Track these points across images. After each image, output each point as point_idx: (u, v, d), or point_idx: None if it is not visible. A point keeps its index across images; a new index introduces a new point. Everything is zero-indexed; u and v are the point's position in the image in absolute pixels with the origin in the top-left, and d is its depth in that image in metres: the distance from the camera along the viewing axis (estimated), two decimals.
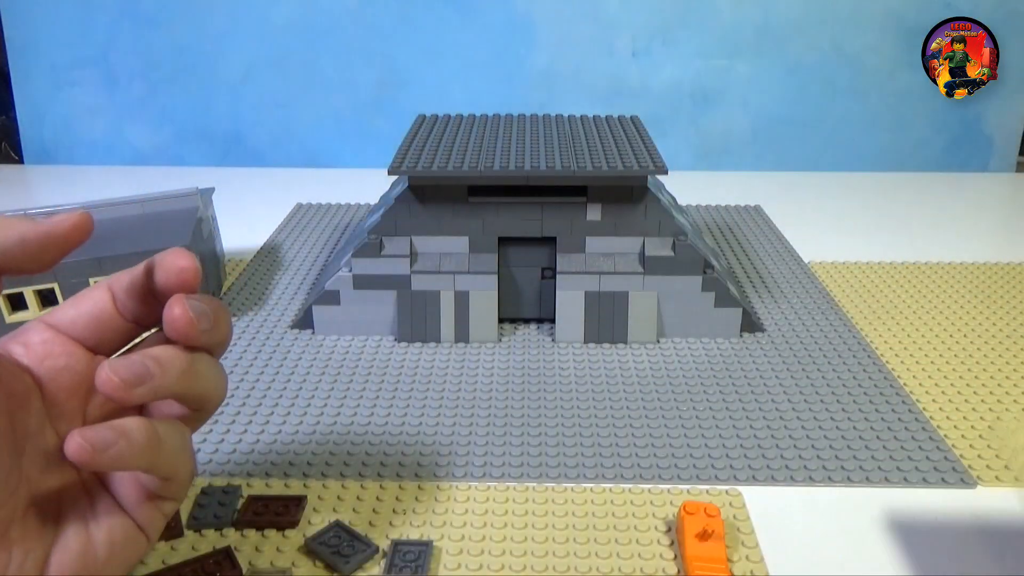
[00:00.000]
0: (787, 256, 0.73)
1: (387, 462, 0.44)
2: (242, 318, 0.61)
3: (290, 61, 1.02)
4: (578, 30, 1.01)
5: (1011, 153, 1.05)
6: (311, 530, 0.39)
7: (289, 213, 0.84)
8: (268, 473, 0.43)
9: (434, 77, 1.02)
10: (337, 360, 0.55)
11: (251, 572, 0.36)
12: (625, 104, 1.03)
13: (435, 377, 0.53)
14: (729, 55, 1.01)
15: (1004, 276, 0.69)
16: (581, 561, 0.37)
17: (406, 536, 0.38)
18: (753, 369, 0.54)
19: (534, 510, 0.40)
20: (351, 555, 0.36)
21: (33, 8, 1.00)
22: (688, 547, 0.37)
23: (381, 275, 0.57)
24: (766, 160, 1.05)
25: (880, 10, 0.99)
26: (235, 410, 0.49)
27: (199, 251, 0.59)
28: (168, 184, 0.95)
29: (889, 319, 0.61)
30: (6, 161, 1.08)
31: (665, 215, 0.56)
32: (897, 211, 0.87)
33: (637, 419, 0.48)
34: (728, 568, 0.36)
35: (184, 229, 0.58)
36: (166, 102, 1.04)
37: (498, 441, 0.46)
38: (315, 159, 1.06)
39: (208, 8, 1.00)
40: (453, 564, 0.37)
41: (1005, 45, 0.99)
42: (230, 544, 0.37)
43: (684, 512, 0.38)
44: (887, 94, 1.02)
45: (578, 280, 0.56)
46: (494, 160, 0.56)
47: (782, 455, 0.45)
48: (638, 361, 0.55)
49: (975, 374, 0.54)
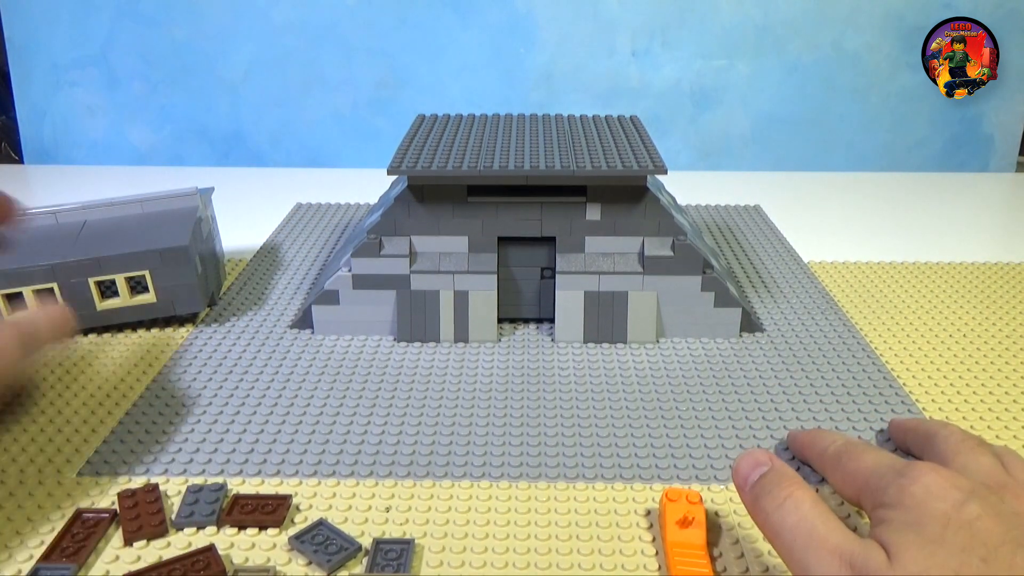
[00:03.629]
0: (787, 256, 0.73)
1: (381, 461, 0.44)
2: (242, 318, 0.61)
3: (290, 61, 1.02)
4: (578, 30, 1.01)
5: (1011, 153, 1.05)
6: (296, 529, 0.39)
7: (289, 213, 0.84)
8: (261, 472, 0.43)
9: (433, 77, 1.02)
10: (336, 360, 0.55)
11: (235, 571, 0.36)
12: (625, 104, 1.03)
13: (434, 377, 0.53)
14: (729, 55, 1.01)
15: (1004, 276, 0.69)
16: (563, 558, 0.37)
17: (391, 535, 0.38)
18: (753, 369, 0.54)
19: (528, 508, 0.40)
20: (334, 553, 0.36)
21: (33, 8, 1.00)
22: (668, 533, 0.37)
23: (380, 275, 0.57)
24: (766, 160, 1.05)
25: (880, 10, 0.99)
26: (234, 409, 0.49)
27: (199, 251, 0.59)
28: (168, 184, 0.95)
29: (889, 319, 0.61)
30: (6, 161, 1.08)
31: (665, 215, 0.56)
32: (897, 211, 0.87)
33: (636, 419, 0.48)
34: (707, 554, 0.36)
35: (183, 229, 0.57)
36: (166, 102, 1.04)
37: (498, 441, 0.46)
38: (315, 159, 1.06)
39: (208, 8, 1.00)
40: (435, 562, 0.37)
41: (1005, 45, 0.99)
42: (213, 543, 0.37)
43: (666, 499, 0.38)
44: (887, 94, 1.02)
45: (578, 280, 0.56)
46: (494, 160, 0.56)
47: (782, 455, 0.45)
48: (637, 361, 0.55)
49: (975, 374, 0.54)
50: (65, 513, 0.40)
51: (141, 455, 0.45)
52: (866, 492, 0.32)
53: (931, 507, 0.29)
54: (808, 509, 0.31)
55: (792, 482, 0.32)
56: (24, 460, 0.44)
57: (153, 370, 0.54)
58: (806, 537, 0.30)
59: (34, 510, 0.40)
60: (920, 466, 0.31)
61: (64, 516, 0.39)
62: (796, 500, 0.31)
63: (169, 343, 0.57)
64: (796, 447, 0.43)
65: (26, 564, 0.36)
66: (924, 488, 0.29)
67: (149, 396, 0.50)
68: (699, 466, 0.44)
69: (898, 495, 0.30)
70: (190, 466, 0.44)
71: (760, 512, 0.33)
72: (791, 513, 0.31)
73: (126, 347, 0.56)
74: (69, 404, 0.49)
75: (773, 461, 0.34)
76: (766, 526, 0.32)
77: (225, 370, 0.53)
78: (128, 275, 0.55)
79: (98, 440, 0.46)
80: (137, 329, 0.59)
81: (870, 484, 0.32)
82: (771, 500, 0.32)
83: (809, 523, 0.30)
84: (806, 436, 0.41)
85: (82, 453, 0.45)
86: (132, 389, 0.51)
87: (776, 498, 0.32)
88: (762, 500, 0.33)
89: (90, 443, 0.46)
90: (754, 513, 0.33)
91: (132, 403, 0.49)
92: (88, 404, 0.49)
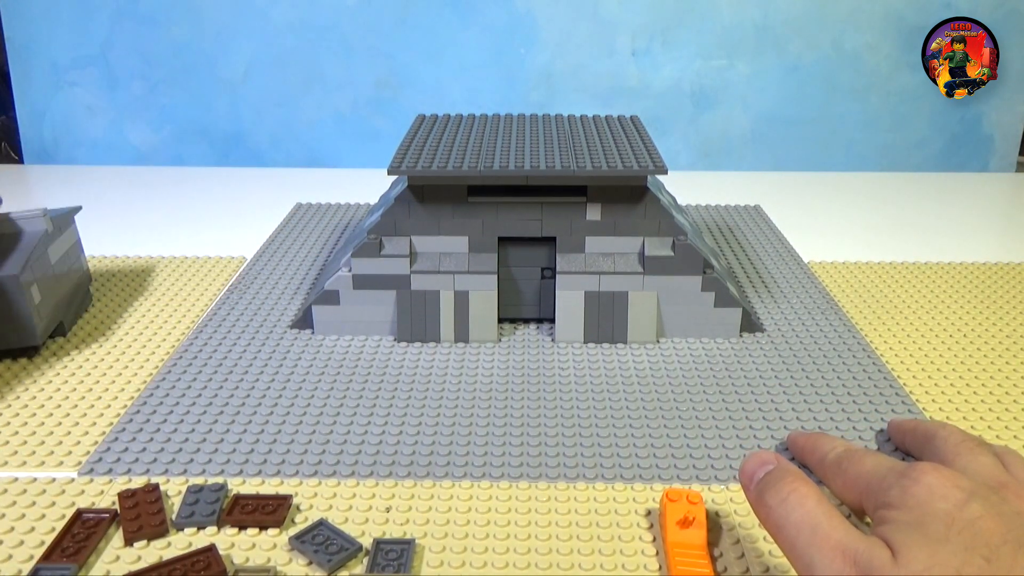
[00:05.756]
0: (787, 256, 0.73)
1: (382, 461, 0.44)
2: (242, 318, 0.61)
3: (290, 61, 1.02)
4: (578, 30, 1.01)
5: (1011, 153, 1.05)
6: (297, 529, 0.39)
7: (289, 213, 0.84)
8: (262, 472, 0.43)
9: (434, 77, 1.02)
10: (336, 360, 0.55)
11: (235, 571, 0.36)
12: (625, 104, 1.03)
13: (434, 377, 0.53)
14: (729, 55, 1.01)
15: (1004, 276, 0.69)
16: (563, 558, 0.37)
17: (391, 535, 0.38)
18: (753, 369, 0.54)
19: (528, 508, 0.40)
20: (334, 554, 0.36)
21: (33, 8, 1.00)
22: (669, 534, 0.37)
23: (381, 275, 0.57)
24: (766, 160, 1.05)
25: (880, 10, 0.99)
26: (234, 410, 0.49)
27: (41, 278, 0.54)
28: (168, 184, 0.95)
29: (889, 319, 0.61)
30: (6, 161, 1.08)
31: (665, 215, 0.56)
32: (897, 211, 0.87)
33: (636, 419, 0.48)
34: (707, 555, 0.36)
35: (18, 256, 0.53)
36: (166, 102, 1.04)
37: (498, 441, 0.46)
38: (315, 159, 1.06)
39: (208, 7, 1.00)
40: (436, 562, 0.37)
41: (1005, 45, 0.99)
42: (214, 543, 0.37)
43: (667, 499, 0.38)
44: (887, 94, 1.02)
45: (578, 280, 0.56)
46: (494, 160, 0.56)
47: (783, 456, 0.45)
48: (638, 361, 0.55)
49: (975, 374, 0.54)
50: (65, 513, 0.40)
51: (141, 455, 0.44)
52: (868, 495, 0.32)
53: (934, 507, 0.29)
54: (812, 505, 0.31)
55: (796, 478, 0.32)
56: (25, 458, 0.44)
57: (153, 370, 0.54)
58: (810, 533, 0.30)
59: (34, 510, 0.40)
60: (922, 466, 0.31)
61: (64, 516, 0.39)
62: (800, 496, 0.31)
63: (169, 343, 0.57)
64: (796, 450, 0.43)
65: (26, 564, 0.36)
66: (927, 488, 0.29)
67: (149, 396, 0.50)
68: (699, 466, 0.44)
69: (901, 495, 0.30)
70: (190, 466, 0.44)
71: (763, 507, 0.32)
72: (795, 509, 0.31)
73: (126, 347, 0.56)
74: (69, 404, 0.49)
75: (779, 460, 0.34)
76: (769, 521, 0.32)
77: (225, 370, 0.53)
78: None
79: (98, 440, 0.46)
80: (137, 328, 0.59)
81: (872, 486, 0.32)
82: (775, 495, 0.32)
83: (813, 519, 0.30)
84: (806, 441, 0.41)
85: (82, 453, 0.45)
86: (132, 389, 0.51)
87: (780, 493, 0.32)
88: (766, 495, 0.32)
89: (90, 442, 0.46)
90: (758, 509, 0.33)
91: (132, 403, 0.49)
92: (89, 404, 0.49)
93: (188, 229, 0.81)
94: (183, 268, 0.70)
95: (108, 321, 0.60)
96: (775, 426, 0.48)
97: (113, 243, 0.75)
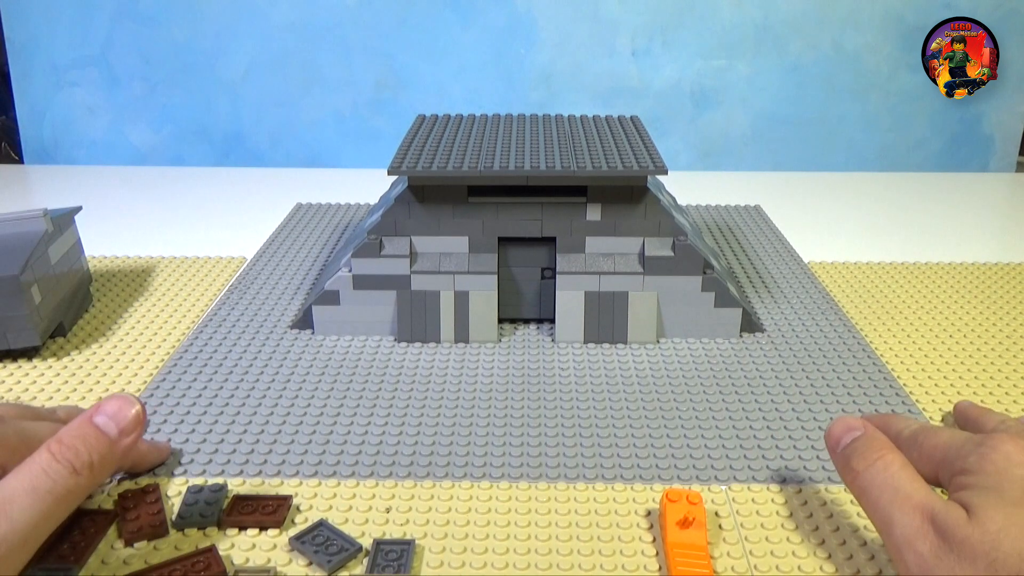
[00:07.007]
0: (787, 256, 0.73)
1: (382, 462, 0.44)
2: (242, 318, 0.61)
3: (290, 61, 1.02)
4: (578, 30, 1.01)
5: (1011, 153, 1.05)
6: (297, 530, 0.39)
7: (289, 213, 0.84)
8: (262, 472, 0.43)
9: (434, 77, 1.02)
10: (336, 360, 0.55)
11: (235, 571, 0.36)
12: (625, 104, 1.03)
13: (434, 377, 0.53)
14: (729, 55, 1.01)
15: (1004, 276, 0.69)
16: (563, 559, 0.37)
17: (391, 535, 0.38)
18: (753, 369, 0.54)
19: (528, 508, 0.40)
20: (335, 554, 0.36)
21: (33, 8, 1.00)
22: (669, 534, 0.37)
23: (381, 275, 0.57)
24: (766, 160, 1.05)
25: (880, 10, 0.99)
26: (234, 410, 0.49)
27: (41, 278, 0.54)
28: (168, 184, 0.95)
29: (889, 319, 0.61)
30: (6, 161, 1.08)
31: (665, 215, 0.56)
32: (897, 211, 0.87)
33: (636, 419, 0.48)
34: (707, 555, 0.36)
35: (18, 256, 0.53)
36: (166, 102, 1.04)
37: (498, 442, 0.46)
38: (315, 159, 1.06)
39: (208, 8, 1.00)
40: (436, 562, 0.37)
41: (1005, 45, 0.99)
42: (214, 543, 0.37)
43: (666, 499, 0.38)
44: (887, 94, 1.02)
45: (578, 280, 0.56)
46: (494, 160, 0.56)
47: (782, 455, 0.45)
48: (638, 361, 0.55)
49: (975, 374, 0.54)
50: None
51: None
52: (945, 464, 0.34)
53: (1011, 472, 0.31)
54: (897, 470, 0.34)
55: (883, 446, 0.35)
56: None
57: (154, 370, 0.54)
58: (892, 493, 0.33)
59: None
60: (1000, 436, 0.33)
61: None
62: (886, 462, 0.34)
63: (169, 343, 0.57)
64: None
65: None
66: (1005, 456, 0.32)
67: (149, 396, 0.50)
68: (699, 466, 0.44)
69: (979, 462, 0.32)
70: (190, 466, 0.44)
71: (850, 472, 0.35)
72: (880, 473, 0.34)
73: (126, 347, 0.56)
74: (69, 404, 0.49)
75: (866, 427, 0.36)
76: (854, 484, 0.35)
77: (225, 370, 0.53)
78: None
79: None
80: (137, 329, 0.59)
81: (949, 456, 0.34)
82: (862, 461, 0.35)
83: (896, 481, 0.33)
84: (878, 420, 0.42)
85: None
86: (132, 389, 0.51)
87: (867, 459, 0.35)
88: (853, 460, 0.35)
89: None
90: (843, 473, 0.36)
91: None
92: (89, 404, 0.49)
93: (188, 229, 0.81)
94: (183, 268, 0.70)
95: (108, 321, 0.60)
96: (775, 426, 0.48)
97: (113, 243, 0.75)
